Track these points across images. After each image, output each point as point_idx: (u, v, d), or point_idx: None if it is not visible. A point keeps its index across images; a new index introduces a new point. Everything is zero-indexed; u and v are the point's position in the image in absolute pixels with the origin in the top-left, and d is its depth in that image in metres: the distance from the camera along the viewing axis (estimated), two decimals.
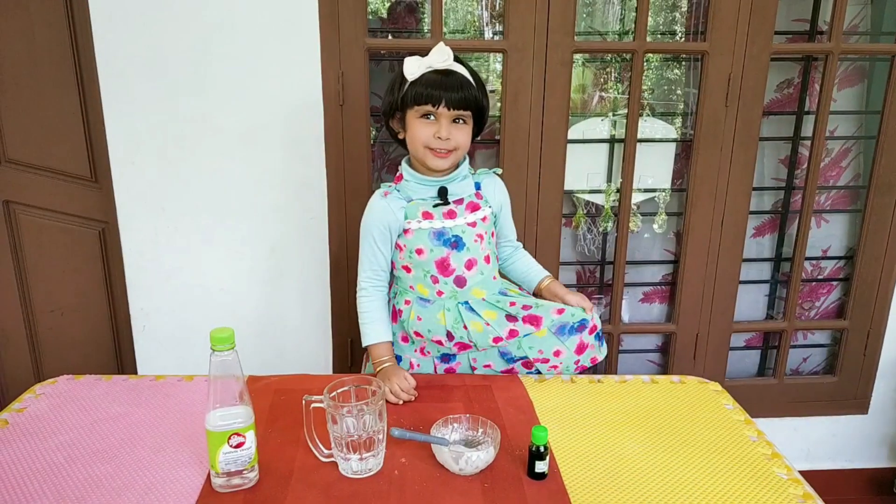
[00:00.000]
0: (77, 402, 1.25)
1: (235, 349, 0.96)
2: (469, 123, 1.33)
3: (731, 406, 1.28)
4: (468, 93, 1.28)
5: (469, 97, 1.29)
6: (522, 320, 1.34)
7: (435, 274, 1.36)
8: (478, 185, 1.41)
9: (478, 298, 1.37)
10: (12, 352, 2.02)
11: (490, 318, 1.34)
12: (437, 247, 1.34)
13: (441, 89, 1.27)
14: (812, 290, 2.22)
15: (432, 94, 1.27)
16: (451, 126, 1.30)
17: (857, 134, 2.11)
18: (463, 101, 1.28)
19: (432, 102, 1.28)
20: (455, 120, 1.31)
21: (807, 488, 1.03)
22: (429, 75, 1.28)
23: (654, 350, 2.22)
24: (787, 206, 2.15)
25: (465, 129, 1.32)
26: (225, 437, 0.96)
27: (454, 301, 1.36)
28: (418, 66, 1.28)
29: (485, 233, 1.38)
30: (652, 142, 2.04)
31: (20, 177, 1.88)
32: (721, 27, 1.79)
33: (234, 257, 1.84)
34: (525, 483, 1.02)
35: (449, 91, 1.27)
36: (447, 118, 1.29)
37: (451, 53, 1.29)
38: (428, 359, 1.43)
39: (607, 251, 2.16)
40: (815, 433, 2.20)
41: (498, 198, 1.44)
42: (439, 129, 1.29)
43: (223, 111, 1.73)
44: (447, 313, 1.36)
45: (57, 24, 1.77)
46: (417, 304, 1.38)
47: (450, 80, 1.28)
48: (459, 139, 1.31)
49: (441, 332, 1.36)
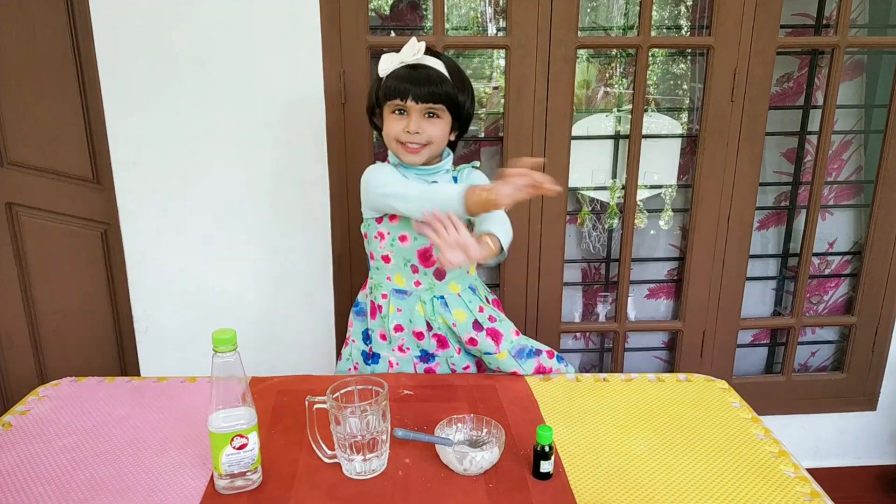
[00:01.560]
0: (80, 405, 1.25)
1: (238, 350, 0.95)
2: (444, 117, 1.32)
3: (738, 404, 1.27)
4: (438, 87, 1.27)
5: (438, 91, 1.27)
6: (486, 332, 1.37)
7: (416, 263, 1.36)
8: (455, 179, 1.41)
9: (453, 294, 1.38)
10: (15, 353, 2.03)
11: (459, 318, 1.37)
12: (420, 235, 1.33)
13: (409, 83, 1.27)
14: (819, 284, 2.20)
15: (399, 87, 1.27)
16: (421, 120, 1.29)
17: (857, 127, 2.10)
18: (431, 94, 1.27)
19: (401, 96, 1.28)
20: (428, 114, 1.30)
21: (814, 486, 1.02)
22: (399, 70, 1.28)
23: (660, 347, 2.21)
24: (793, 200, 2.13)
25: (438, 122, 1.31)
26: (228, 439, 0.95)
27: (430, 294, 1.37)
28: (391, 61, 1.29)
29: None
30: (657, 137, 2.03)
31: (22, 179, 1.88)
32: (726, 21, 1.77)
33: (237, 258, 1.84)
34: (530, 483, 1.01)
35: (417, 85, 1.27)
36: (417, 112, 1.29)
37: (422, 48, 1.29)
38: (407, 357, 1.42)
39: (612, 248, 2.15)
40: (823, 430, 2.18)
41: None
42: (408, 122, 1.29)
43: (224, 111, 1.72)
44: (424, 305, 1.37)
45: (58, 26, 1.77)
46: (395, 297, 1.38)
47: (419, 73, 1.28)
48: (431, 133, 1.31)
49: (421, 322, 1.37)
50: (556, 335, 2.01)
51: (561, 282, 1.96)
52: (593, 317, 2.22)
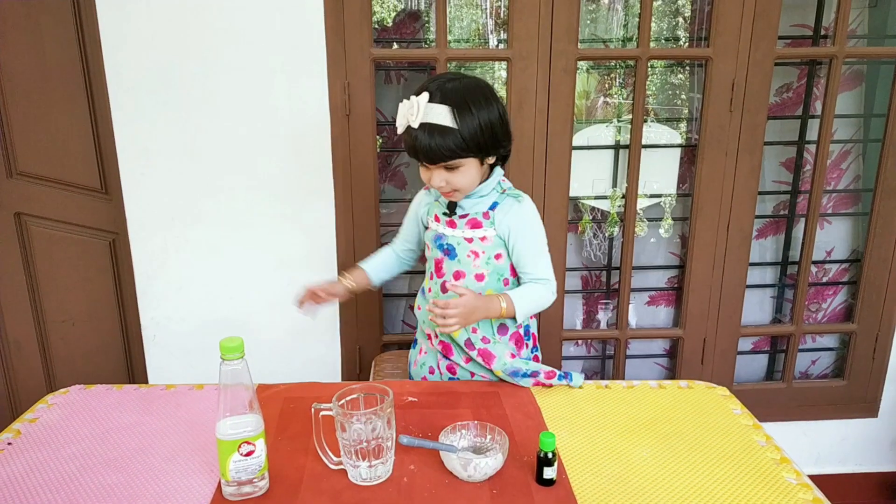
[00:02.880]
0: (89, 412, 1.26)
1: (245, 358, 0.97)
2: (467, 164, 1.27)
3: (739, 411, 1.28)
4: (444, 145, 1.22)
5: (444, 150, 1.22)
6: (478, 352, 1.39)
7: (432, 271, 1.43)
8: (495, 204, 1.35)
9: None
10: (24, 361, 2.04)
11: (454, 333, 1.38)
12: (435, 248, 1.41)
13: (416, 152, 1.26)
14: (818, 292, 2.21)
15: (413, 154, 1.28)
16: (444, 173, 1.28)
17: (856, 137, 2.11)
18: (440, 157, 1.24)
19: (416, 159, 1.29)
20: (446, 168, 1.27)
21: (816, 493, 1.03)
22: (409, 132, 1.25)
23: (661, 354, 2.22)
24: (792, 209, 2.15)
25: (462, 171, 1.27)
26: (235, 446, 0.97)
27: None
28: (400, 118, 1.26)
29: (482, 252, 1.35)
30: (657, 147, 2.04)
31: (31, 189, 1.91)
32: (724, 32, 1.79)
33: (243, 266, 1.86)
34: (533, 489, 1.02)
35: (425, 153, 1.24)
36: (438, 169, 1.28)
37: (422, 106, 1.22)
38: (433, 351, 1.48)
39: (613, 256, 2.16)
40: (825, 437, 2.19)
41: (507, 222, 1.34)
42: (431, 177, 1.30)
43: (231, 122, 1.75)
44: (428, 314, 1.37)
45: (67, 38, 1.79)
46: (420, 294, 1.49)
47: (423, 142, 1.23)
48: (457, 182, 1.29)
49: (431, 325, 1.41)
50: (558, 342, 2.02)
51: (562, 290, 1.97)
52: (594, 324, 2.23)
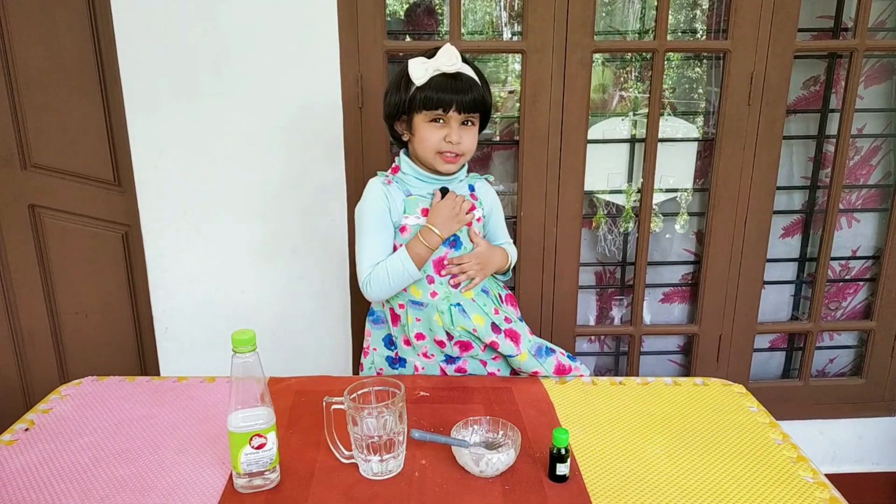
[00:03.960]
0: (101, 404, 1.27)
1: (257, 351, 0.97)
2: (476, 125, 1.33)
3: (756, 409, 1.26)
4: (478, 94, 1.28)
5: (478, 99, 1.28)
6: (505, 333, 1.37)
7: (431, 274, 1.35)
8: (471, 187, 1.43)
9: (468, 299, 1.38)
10: (38, 353, 2.06)
11: (479, 323, 1.36)
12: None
13: (452, 93, 1.25)
14: (839, 290, 2.18)
15: (443, 98, 1.26)
16: (460, 129, 1.29)
17: (887, 132, 2.07)
18: (473, 104, 1.27)
19: (443, 108, 1.26)
20: (464, 122, 1.30)
21: (833, 492, 1.01)
22: (437, 79, 1.26)
23: (676, 351, 2.20)
24: (812, 205, 2.12)
25: (472, 131, 1.32)
26: (247, 439, 0.96)
27: (447, 303, 1.36)
28: (425, 69, 1.26)
29: (478, 233, 1.40)
30: (673, 141, 2.02)
31: (45, 181, 1.91)
32: (743, 25, 1.77)
33: (255, 259, 1.86)
34: (546, 485, 1.01)
35: (460, 94, 1.26)
36: (457, 121, 1.29)
37: (458, 55, 1.27)
38: (433, 362, 1.41)
39: (628, 252, 2.14)
40: (841, 436, 2.16)
41: (489, 201, 1.45)
42: (450, 132, 1.28)
43: (244, 115, 1.74)
44: (442, 315, 1.36)
45: (80, 31, 1.79)
46: (412, 308, 1.38)
47: (459, 83, 1.26)
48: (467, 143, 1.31)
49: (441, 332, 1.37)
50: (572, 338, 2.01)
51: (576, 285, 1.96)
52: (608, 320, 2.22)
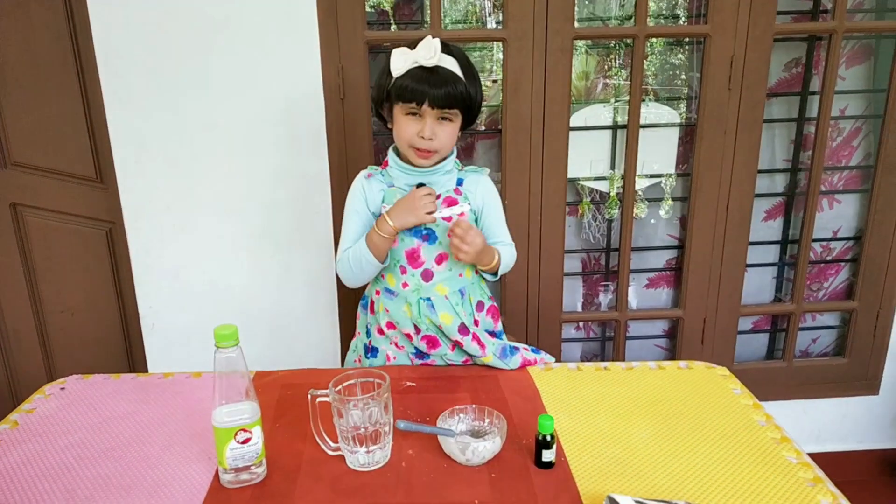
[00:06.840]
0: (86, 402, 1.26)
1: (240, 345, 0.96)
2: (455, 121, 1.30)
3: (739, 390, 1.28)
4: (454, 90, 1.24)
5: (454, 94, 1.24)
6: (472, 336, 1.35)
7: (404, 264, 1.35)
8: (461, 180, 1.38)
9: (440, 296, 1.36)
10: (23, 352, 2.04)
11: (444, 321, 1.34)
12: (408, 237, 1.34)
13: (426, 85, 1.23)
14: (820, 271, 2.20)
15: (416, 90, 1.23)
16: (435, 124, 1.27)
17: (866, 113, 2.09)
18: (447, 99, 1.24)
19: (417, 101, 1.24)
20: (441, 118, 1.28)
21: (817, 472, 1.02)
22: (414, 71, 1.23)
23: (661, 335, 2.22)
24: (793, 187, 2.13)
25: (450, 127, 1.29)
26: (231, 433, 0.96)
27: (416, 296, 1.36)
28: (404, 60, 1.24)
29: (469, 225, 1.34)
30: (655, 127, 2.02)
31: (26, 179, 1.90)
32: (722, 8, 1.77)
33: (240, 253, 1.85)
34: (532, 472, 1.02)
35: (434, 88, 1.23)
36: (432, 116, 1.26)
37: (437, 47, 1.23)
38: (403, 353, 1.41)
39: (612, 238, 2.15)
40: (825, 415, 2.19)
41: (480, 195, 1.38)
42: (423, 128, 1.26)
43: (224, 108, 1.73)
44: (411, 307, 1.36)
45: (57, 26, 1.77)
46: (385, 296, 1.38)
47: (435, 76, 1.23)
48: (443, 139, 1.28)
49: (408, 324, 1.36)
50: (558, 325, 2.02)
51: (561, 272, 1.97)
52: (594, 306, 2.23)
